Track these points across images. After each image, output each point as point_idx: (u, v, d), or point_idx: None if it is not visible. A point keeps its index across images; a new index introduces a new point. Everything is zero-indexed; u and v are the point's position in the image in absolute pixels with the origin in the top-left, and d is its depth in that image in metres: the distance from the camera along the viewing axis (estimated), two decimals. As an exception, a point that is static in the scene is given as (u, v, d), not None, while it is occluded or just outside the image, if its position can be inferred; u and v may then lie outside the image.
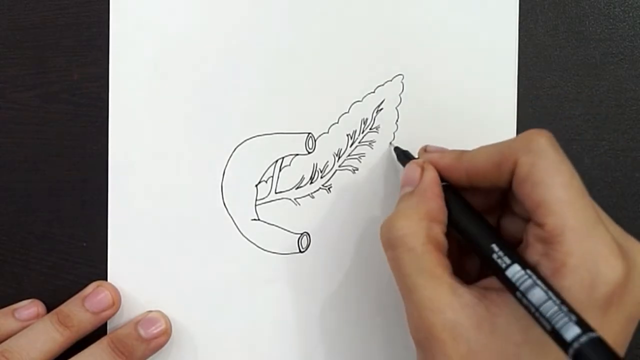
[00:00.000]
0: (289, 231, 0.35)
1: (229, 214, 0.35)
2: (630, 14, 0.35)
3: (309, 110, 0.35)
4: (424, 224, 0.26)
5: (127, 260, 0.35)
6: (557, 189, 0.24)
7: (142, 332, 0.33)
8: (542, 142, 0.25)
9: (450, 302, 0.25)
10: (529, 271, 0.23)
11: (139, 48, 0.34)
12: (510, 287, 0.24)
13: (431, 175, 0.28)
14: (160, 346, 0.33)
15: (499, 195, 0.29)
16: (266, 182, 0.35)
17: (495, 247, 0.25)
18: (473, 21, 0.34)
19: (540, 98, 0.35)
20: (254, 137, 0.34)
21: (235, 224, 0.35)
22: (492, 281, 0.26)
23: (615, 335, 0.23)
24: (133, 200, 0.34)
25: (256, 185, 0.35)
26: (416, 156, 0.32)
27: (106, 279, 0.35)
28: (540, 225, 0.24)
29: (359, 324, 0.35)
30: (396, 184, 0.35)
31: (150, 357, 0.34)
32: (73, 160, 0.35)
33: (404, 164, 0.31)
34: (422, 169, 0.28)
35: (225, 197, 0.35)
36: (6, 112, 0.35)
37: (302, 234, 0.35)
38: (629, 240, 0.25)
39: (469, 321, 0.24)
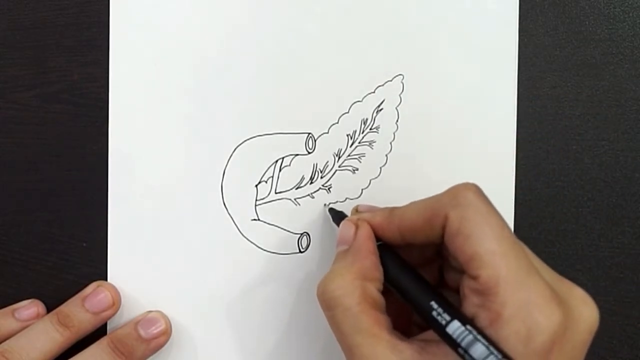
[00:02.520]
0: (289, 231, 0.35)
1: (229, 214, 0.35)
2: (630, 14, 0.35)
3: (309, 110, 0.35)
4: (357, 283, 0.26)
5: (127, 260, 0.35)
6: (487, 241, 0.24)
7: (142, 332, 0.33)
8: (470, 195, 0.25)
9: (389, 359, 0.25)
10: (469, 327, 0.24)
11: (139, 48, 0.34)
12: (452, 343, 0.24)
13: (364, 233, 0.28)
14: (160, 346, 0.33)
15: (436, 248, 0.29)
16: (266, 182, 0.35)
17: (434, 304, 0.25)
18: (473, 21, 0.34)
19: (540, 98, 0.35)
20: (254, 137, 0.34)
21: (235, 224, 0.35)
22: (433, 333, 0.26)
23: None
24: (133, 200, 0.34)
25: (256, 186, 0.35)
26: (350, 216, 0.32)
27: (106, 279, 0.35)
28: (474, 277, 0.24)
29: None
30: (397, 184, 0.35)
31: (150, 357, 0.34)
32: (73, 160, 0.35)
33: (338, 224, 0.31)
34: (356, 227, 0.29)
35: (225, 197, 0.35)
36: (6, 112, 0.35)
37: (302, 234, 0.35)
38: (564, 285, 0.25)
39: None
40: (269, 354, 0.35)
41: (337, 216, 0.32)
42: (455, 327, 0.24)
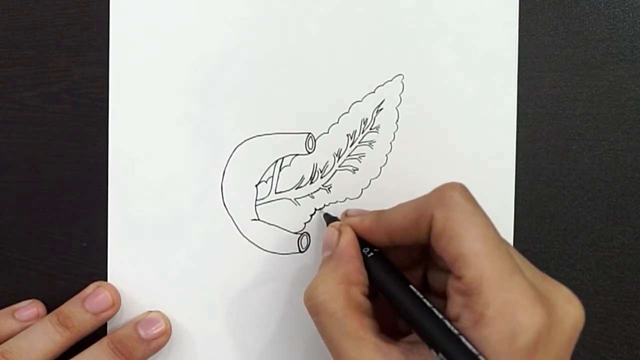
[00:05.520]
0: (289, 231, 0.35)
1: (229, 214, 0.35)
2: (630, 14, 0.35)
3: (309, 110, 0.35)
4: (341, 288, 0.27)
5: (127, 260, 0.35)
6: (472, 241, 0.24)
7: (142, 332, 0.33)
8: (455, 195, 0.26)
9: None
10: (452, 328, 0.24)
11: (139, 48, 0.34)
12: (433, 345, 0.24)
13: (348, 238, 0.29)
14: (160, 346, 0.33)
15: (422, 249, 0.29)
16: (266, 182, 0.35)
17: (417, 306, 0.25)
18: (473, 21, 0.34)
19: (540, 98, 0.35)
20: (254, 137, 0.34)
21: (235, 224, 0.35)
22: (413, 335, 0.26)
23: None
24: (133, 200, 0.34)
25: (256, 185, 0.35)
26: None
27: (106, 279, 0.35)
28: (458, 277, 0.24)
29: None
30: (397, 184, 0.35)
31: (150, 358, 0.34)
32: (73, 160, 0.35)
33: None
34: (340, 232, 0.29)
35: (225, 197, 0.35)
36: (6, 112, 0.35)
37: (302, 234, 0.35)
38: (549, 284, 0.25)
39: None
40: (269, 354, 0.35)
41: (332, 221, 0.32)
42: (435, 329, 0.24)
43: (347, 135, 0.35)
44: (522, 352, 0.23)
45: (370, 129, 0.35)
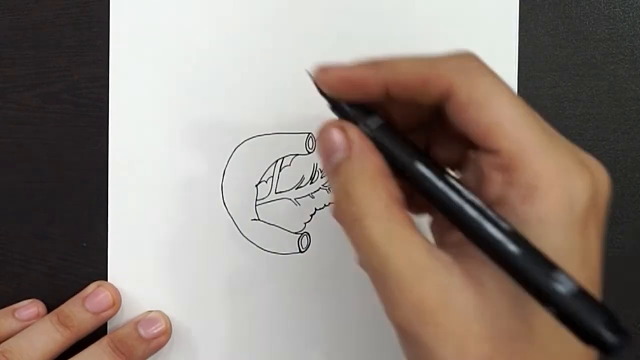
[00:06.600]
0: (289, 231, 0.35)
1: (229, 214, 0.35)
2: (630, 14, 0.35)
3: (309, 110, 0.35)
4: (379, 184, 0.23)
5: (127, 260, 0.35)
6: (504, 108, 0.21)
7: (142, 332, 0.33)
8: (476, 63, 0.23)
9: (431, 266, 0.21)
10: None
11: (139, 48, 0.34)
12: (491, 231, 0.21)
13: (356, 131, 0.24)
14: (160, 346, 0.33)
15: (419, 116, 0.25)
16: (266, 182, 0.35)
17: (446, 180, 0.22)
18: (473, 21, 0.34)
19: (540, 98, 0.35)
20: (254, 137, 0.34)
21: (235, 224, 0.35)
22: (454, 235, 0.23)
23: (597, 253, 0.22)
24: (133, 200, 0.34)
25: (256, 185, 0.35)
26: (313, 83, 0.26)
27: (106, 279, 0.35)
28: (494, 152, 0.21)
29: (360, 324, 0.35)
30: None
31: (150, 357, 0.34)
32: (73, 160, 0.35)
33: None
34: (343, 129, 0.24)
35: (225, 197, 0.35)
36: (6, 112, 0.35)
37: (302, 234, 0.35)
38: (580, 150, 0.23)
39: (454, 282, 0.21)
40: (269, 354, 0.35)
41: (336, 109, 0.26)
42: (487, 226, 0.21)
43: (347, 135, 0.35)
44: (580, 218, 0.21)
45: (370, 129, 0.35)
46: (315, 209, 0.35)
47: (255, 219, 0.35)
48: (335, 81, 0.24)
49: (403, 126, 0.25)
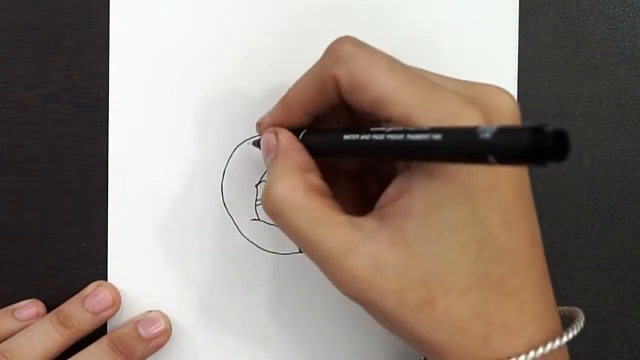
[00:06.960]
0: (289, 231, 0.35)
1: (229, 214, 0.35)
2: (630, 14, 0.35)
3: (309, 110, 0.34)
4: (298, 177, 0.25)
5: (127, 260, 0.35)
6: (382, 80, 0.24)
7: (142, 331, 0.33)
8: (347, 48, 0.25)
9: (357, 238, 0.24)
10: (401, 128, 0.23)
11: (139, 48, 0.34)
12: (403, 149, 0.22)
13: (286, 134, 0.27)
14: (160, 346, 0.33)
15: (346, 112, 0.28)
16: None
17: (370, 131, 0.24)
18: (473, 21, 0.34)
19: (540, 98, 0.35)
20: (254, 137, 0.34)
21: (235, 224, 0.35)
22: (381, 200, 0.25)
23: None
24: (133, 200, 0.35)
25: (256, 185, 0.35)
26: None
27: (106, 279, 0.35)
28: (388, 120, 0.24)
29: (359, 323, 0.35)
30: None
31: (150, 357, 0.34)
32: (73, 160, 0.35)
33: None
34: (276, 133, 0.28)
35: (225, 197, 0.35)
36: (6, 112, 0.35)
37: (302, 234, 0.35)
38: (474, 88, 0.25)
39: (383, 246, 0.23)
40: (269, 354, 0.35)
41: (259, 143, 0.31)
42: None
43: (347, 135, 0.35)
44: None
45: (370, 129, 0.35)
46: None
47: (255, 219, 0.35)
48: (267, 125, 0.29)
49: (343, 124, 0.28)
